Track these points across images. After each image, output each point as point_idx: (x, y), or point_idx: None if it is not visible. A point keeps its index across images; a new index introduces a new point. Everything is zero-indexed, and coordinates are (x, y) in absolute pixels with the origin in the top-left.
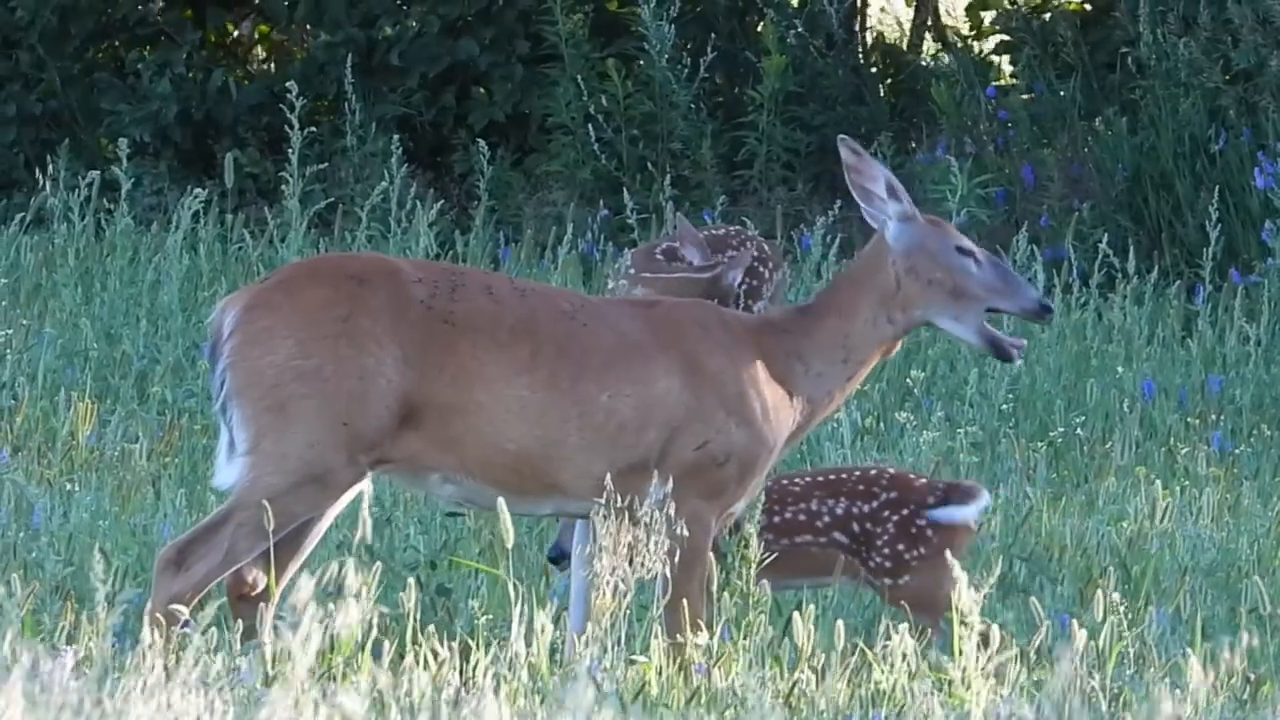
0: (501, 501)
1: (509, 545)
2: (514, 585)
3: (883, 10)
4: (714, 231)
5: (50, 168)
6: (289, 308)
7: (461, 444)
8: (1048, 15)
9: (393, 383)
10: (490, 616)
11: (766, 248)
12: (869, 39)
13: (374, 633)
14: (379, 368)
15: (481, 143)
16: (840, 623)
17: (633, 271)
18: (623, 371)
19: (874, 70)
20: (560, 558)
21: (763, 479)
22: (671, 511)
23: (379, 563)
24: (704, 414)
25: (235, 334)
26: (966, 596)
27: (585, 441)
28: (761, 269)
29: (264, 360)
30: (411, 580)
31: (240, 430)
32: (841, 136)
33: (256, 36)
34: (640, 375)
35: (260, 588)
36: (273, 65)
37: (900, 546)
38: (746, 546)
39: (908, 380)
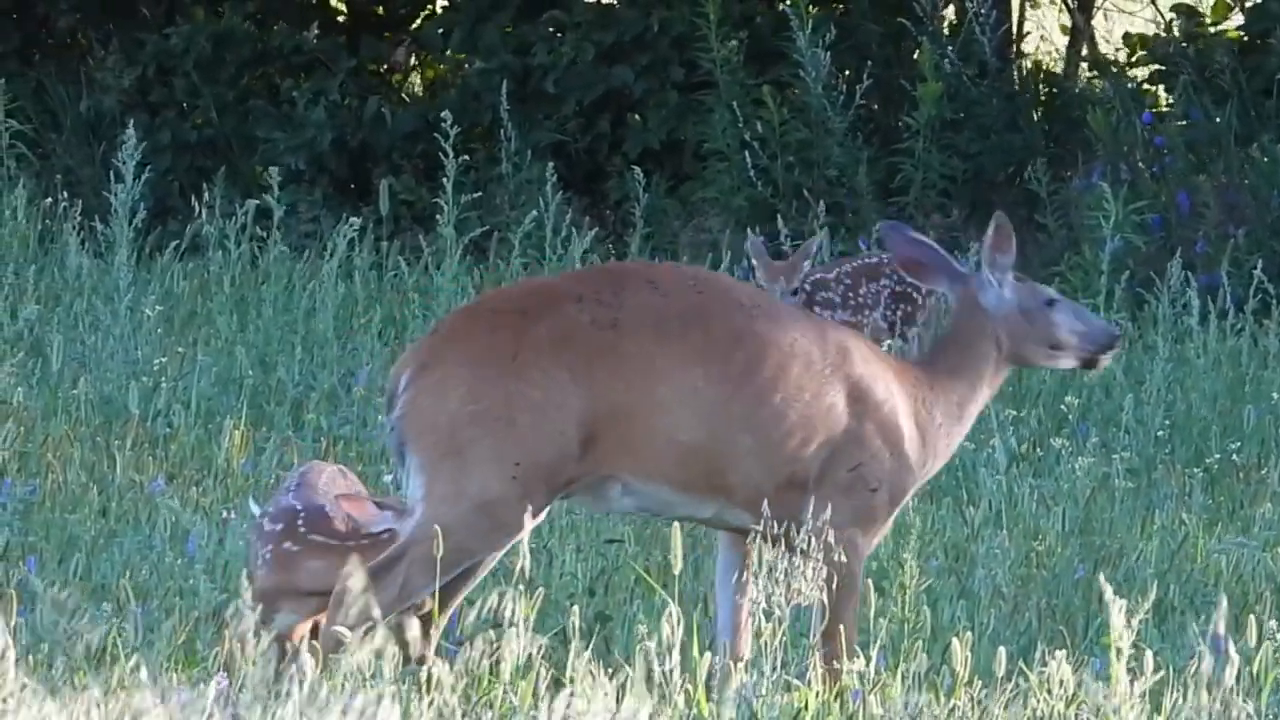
0: (676, 528)
1: (677, 570)
2: (676, 610)
3: (1041, 39)
4: (866, 260)
5: (206, 195)
6: (455, 356)
7: (638, 445)
8: (1203, 42)
9: (567, 409)
10: (650, 643)
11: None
12: (1024, 66)
13: (537, 663)
14: (550, 398)
15: (636, 170)
16: (1001, 649)
17: None
18: (794, 379)
19: (1028, 97)
20: None
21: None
22: (830, 538)
23: (541, 589)
24: (862, 438)
25: (409, 389)
26: (1117, 623)
27: (754, 443)
28: (915, 294)
29: (437, 409)
30: (575, 608)
31: (416, 476)
32: (999, 215)
33: (413, 64)
34: (810, 387)
35: (425, 610)
36: (427, 93)
37: None
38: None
39: (1063, 406)
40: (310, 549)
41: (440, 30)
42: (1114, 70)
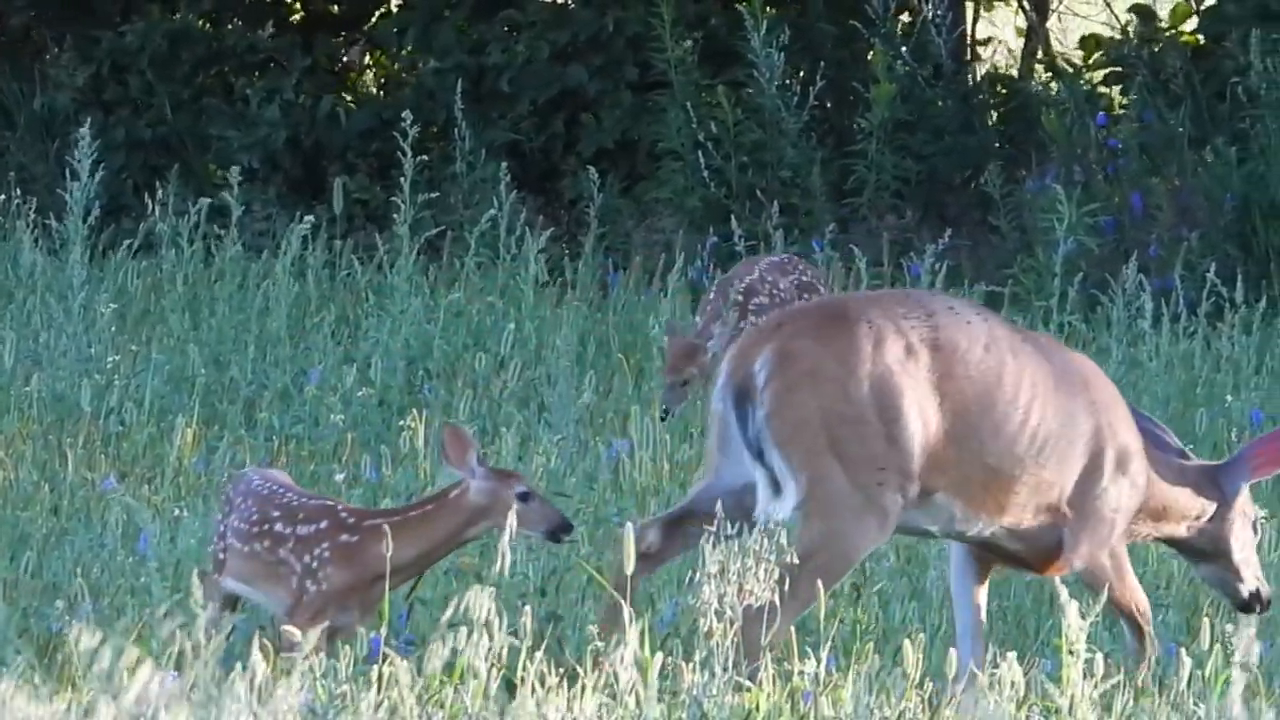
0: (628, 528)
1: (629, 571)
2: (628, 611)
3: (996, 41)
4: (772, 256)
5: (159, 193)
6: (820, 354)
7: (951, 464)
8: (1158, 45)
9: (916, 418)
10: (600, 644)
11: (813, 271)
12: (978, 68)
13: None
14: (905, 405)
15: (591, 169)
16: (952, 650)
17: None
18: (1065, 401)
19: (982, 99)
20: None
21: None
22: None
23: (492, 589)
24: (1103, 465)
25: (772, 382)
26: (1074, 624)
27: (1037, 461)
28: (820, 286)
29: (807, 407)
30: (526, 608)
31: (790, 475)
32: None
33: (367, 63)
34: (1074, 409)
35: (656, 548)
36: (382, 92)
37: None
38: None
39: None
40: (371, 533)
41: (395, 29)
42: (1069, 72)
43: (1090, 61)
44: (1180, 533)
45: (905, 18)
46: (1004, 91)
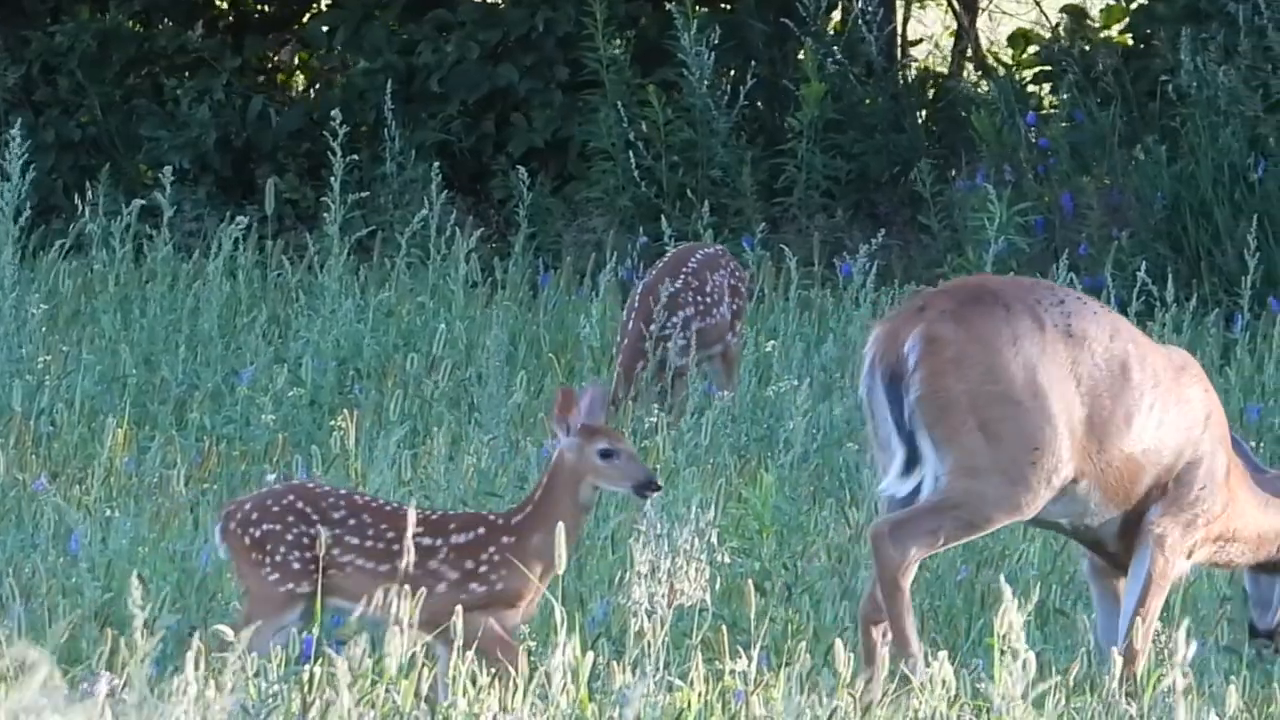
0: (561, 526)
1: (561, 570)
2: (560, 610)
3: (924, 41)
4: (705, 251)
5: (90, 194)
6: (964, 338)
7: (1094, 453)
8: (1088, 44)
9: (1060, 400)
10: (533, 643)
11: (740, 272)
12: (909, 66)
13: (419, 662)
14: (1049, 386)
15: (521, 169)
16: (884, 650)
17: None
18: (1181, 390)
19: (913, 98)
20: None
21: None
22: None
23: (423, 589)
24: (1203, 460)
25: (920, 366)
26: (1010, 622)
27: (1160, 452)
28: (742, 288)
29: (955, 390)
30: (458, 608)
31: (937, 451)
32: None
33: (296, 63)
34: (1187, 397)
35: None
36: (312, 92)
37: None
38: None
39: None
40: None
41: (325, 29)
42: (999, 71)
43: (1020, 60)
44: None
45: (836, 16)
46: (934, 90)
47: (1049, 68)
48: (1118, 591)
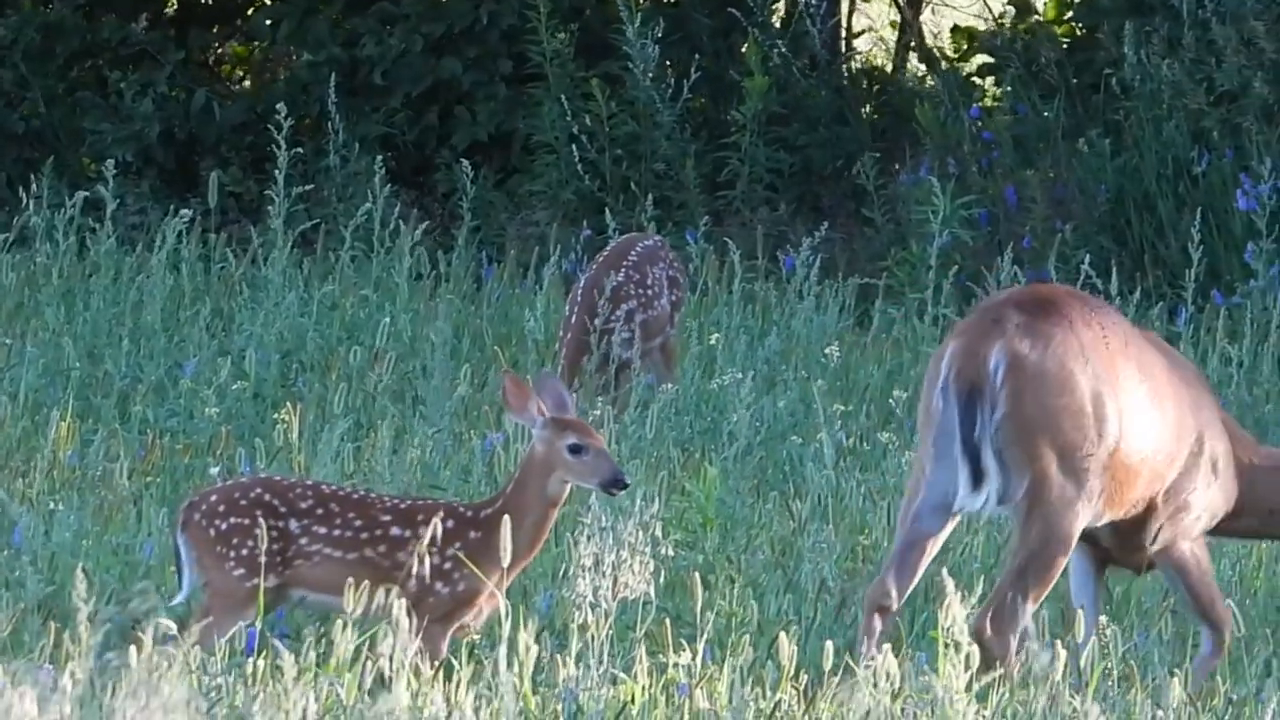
0: (506, 520)
1: (505, 563)
2: (504, 603)
3: (869, 34)
4: (645, 243)
5: (34, 187)
6: (1046, 355)
7: (1119, 463)
8: (1032, 37)
9: (1115, 409)
10: (477, 636)
11: (678, 264)
12: (853, 60)
13: (363, 655)
14: (1108, 396)
15: (465, 162)
16: (828, 643)
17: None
18: (1184, 402)
19: (857, 91)
20: None
21: None
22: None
23: (367, 582)
24: (1198, 466)
25: (1008, 383)
26: (957, 615)
27: (1157, 459)
28: (681, 279)
29: (1040, 407)
30: (396, 601)
31: (1006, 473)
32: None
33: (239, 57)
34: (1184, 411)
35: (896, 601)
36: (255, 85)
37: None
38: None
39: (890, 400)
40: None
41: (268, 22)
42: (942, 64)
43: (963, 53)
44: None
45: (781, 9)
46: (878, 84)
47: (993, 60)
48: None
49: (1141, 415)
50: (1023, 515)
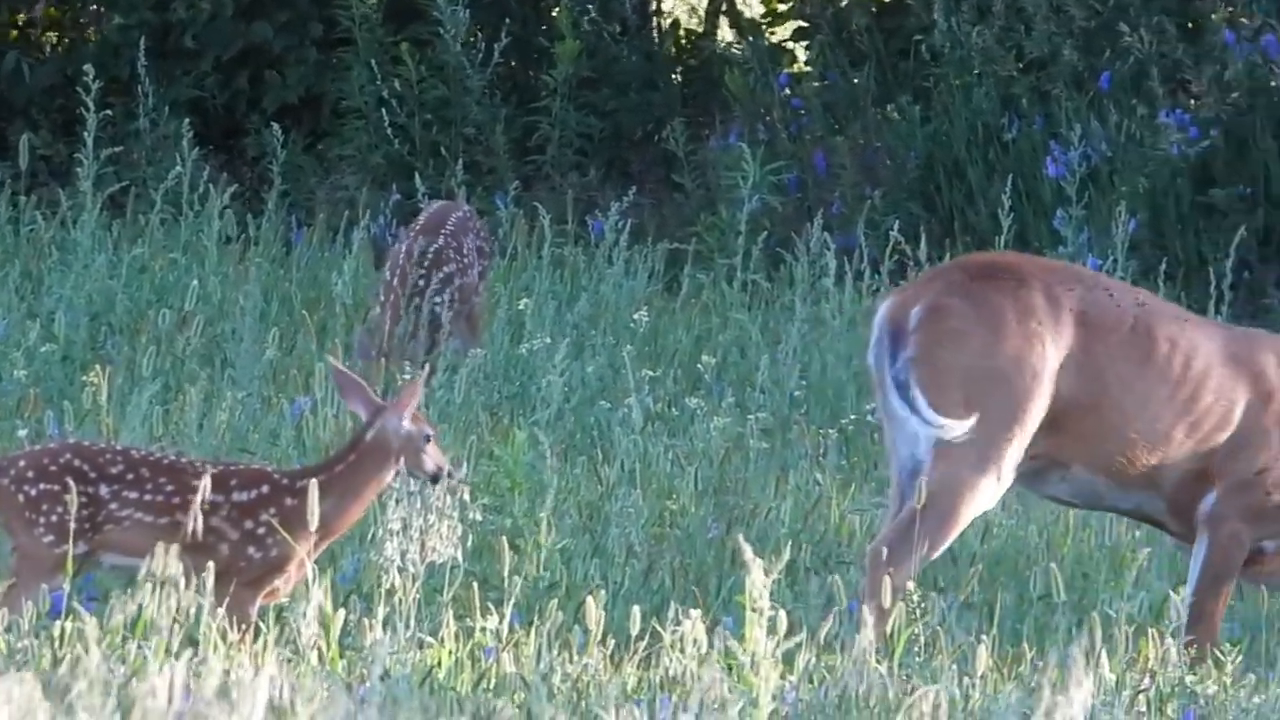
0: (314, 484)
1: (312, 527)
2: (311, 568)
3: None
4: (459, 214)
5: None
6: (973, 312)
7: (1091, 437)
8: (843, 2)
9: (1051, 384)
10: (285, 599)
11: (481, 225)
12: (663, 24)
13: (170, 619)
14: (1044, 369)
15: (275, 126)
16: (635, 608)
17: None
18: (1218, 381)
19: (668, 56)
20: None
21: None
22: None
23: (176, 546)
24: (1265, 440)
25: (919, 331)
26: (758, 581)
27: (1183, 438)
28: (487, 249)
29: (951, 362)
30: (210, 563)
31: (927, 425)
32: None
33: (50, 19)
34: (1228, 389)
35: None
36: (66, 47)
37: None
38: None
39: (699, 366)
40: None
41: None
42: (753, 30)
43: (774, 19)
44: None
45: None
46: (688, 49)
47: (805, 24)
48: None
49: (1132, 396)
50: (928, 465)
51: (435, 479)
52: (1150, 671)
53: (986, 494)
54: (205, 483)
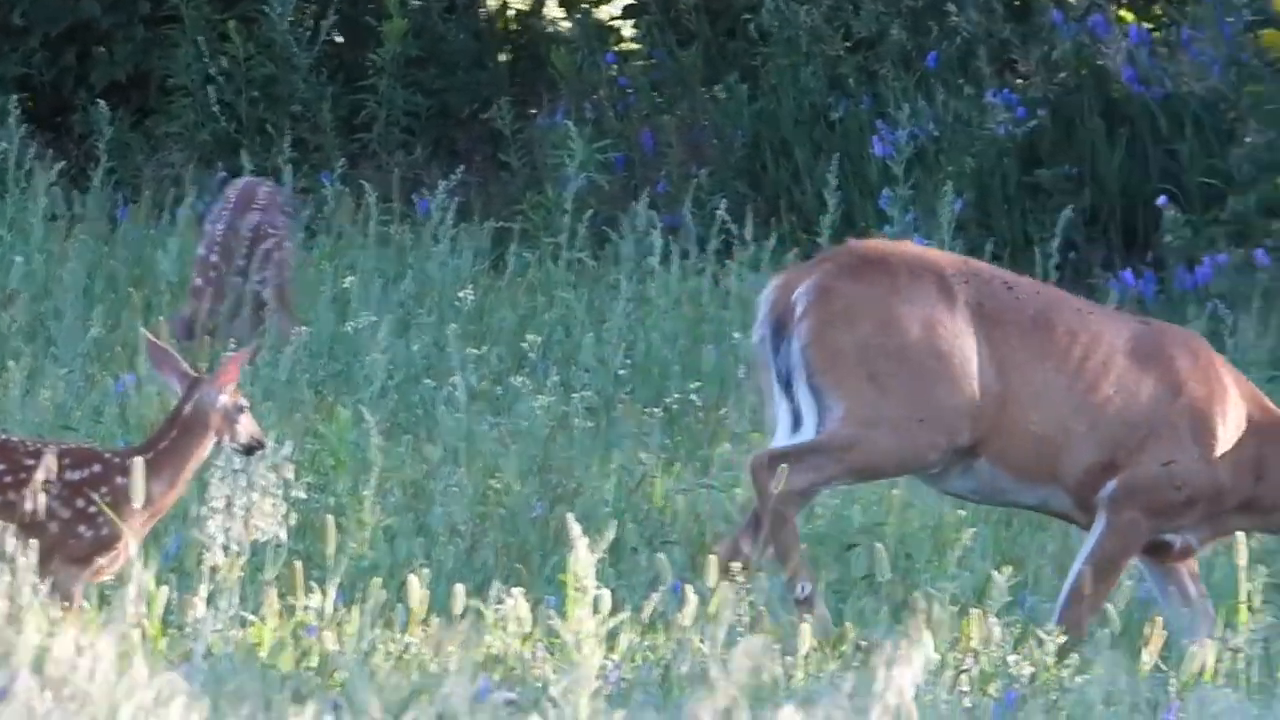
0: (139, 462)
1: (137, 506)
2: (133, 543)
3: None
4: (275, 192)
5: None
6: (864, 292)
7: (997, 431)
8: None
9: (958, 370)
10: (110, 578)
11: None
12: (491, 3)
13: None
14: (946, 352)
15: (102, 103)
16: (458, 586)
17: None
18: (1122, 373)
19: (495, 35)
20: None
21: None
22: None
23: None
24: (1173, 434)
25: (808, 316)
26: (582, 560)
27: (1086, 431)
28: (292, 222)
29: (844, 341)
30: (33, 540)
31: (817, 407)
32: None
33: None
34: (1133, 381)
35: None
36: None
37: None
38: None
39: (524, 344)
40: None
41: None
42: (580, 8)
43: None
44: None
45: None
46: (516, 27)
47: (632, 2)
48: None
49: (1031, 388)
50: (837, 426)
51: (250, 451)
52: (973, 651)
53: (898, 460)
54: (49, 461)
